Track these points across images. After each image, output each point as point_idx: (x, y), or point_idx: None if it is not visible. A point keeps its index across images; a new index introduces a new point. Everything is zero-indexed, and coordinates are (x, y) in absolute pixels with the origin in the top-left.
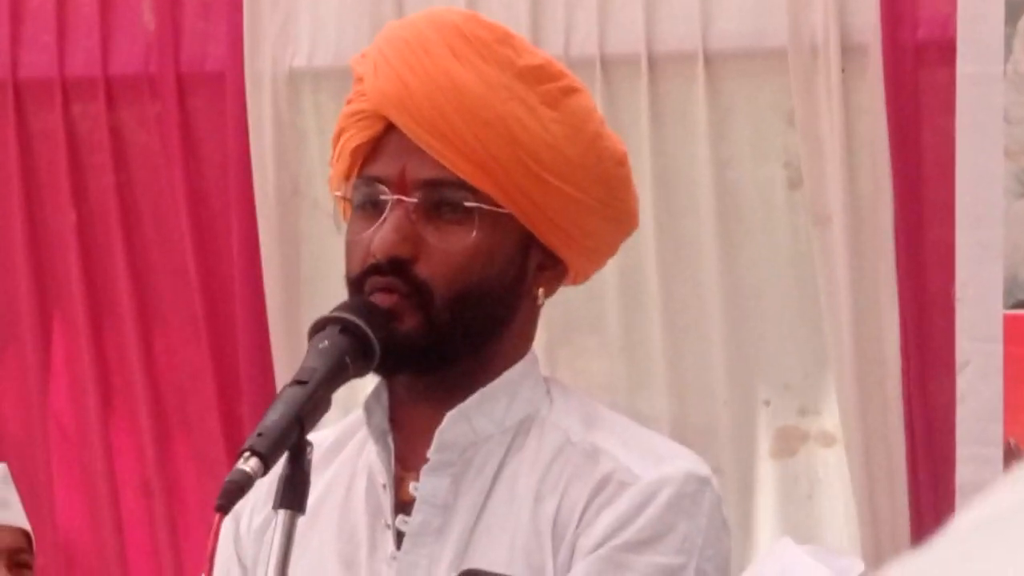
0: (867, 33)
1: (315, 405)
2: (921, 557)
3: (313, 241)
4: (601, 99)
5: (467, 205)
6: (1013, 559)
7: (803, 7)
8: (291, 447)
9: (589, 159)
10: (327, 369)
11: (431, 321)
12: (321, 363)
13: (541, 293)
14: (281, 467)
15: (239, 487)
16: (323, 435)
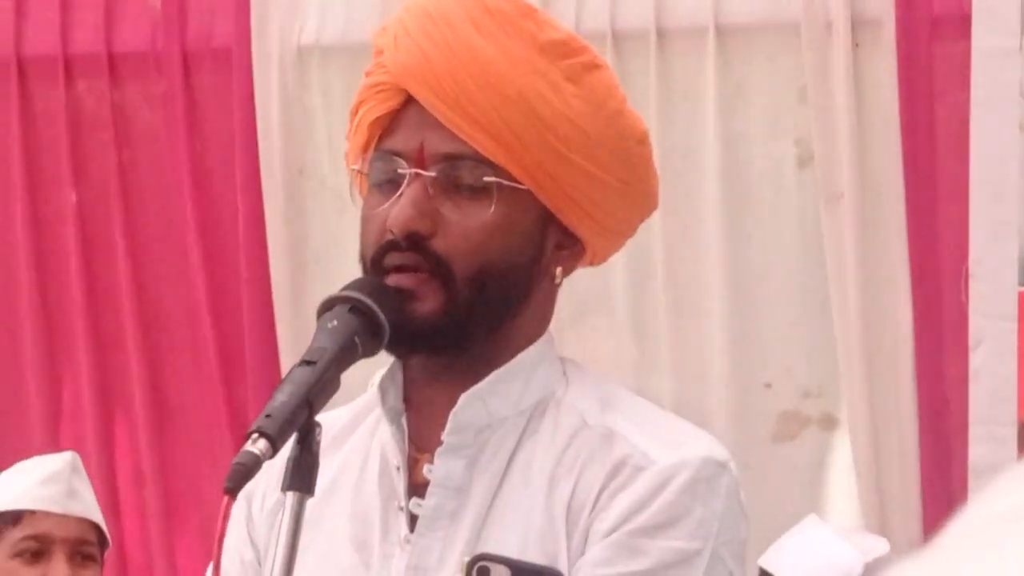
0: (881, 7)
1: (324, 386)
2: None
3: (320, 220)
4: None
5: (486, 180)
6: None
7: None
8: (300, 428)
9: (610, 136)
10: (336, 349)
11: (452, 299)
12: (330, 343)
13: (559, 272)
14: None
15: (247, 469)
16: (335, 415)
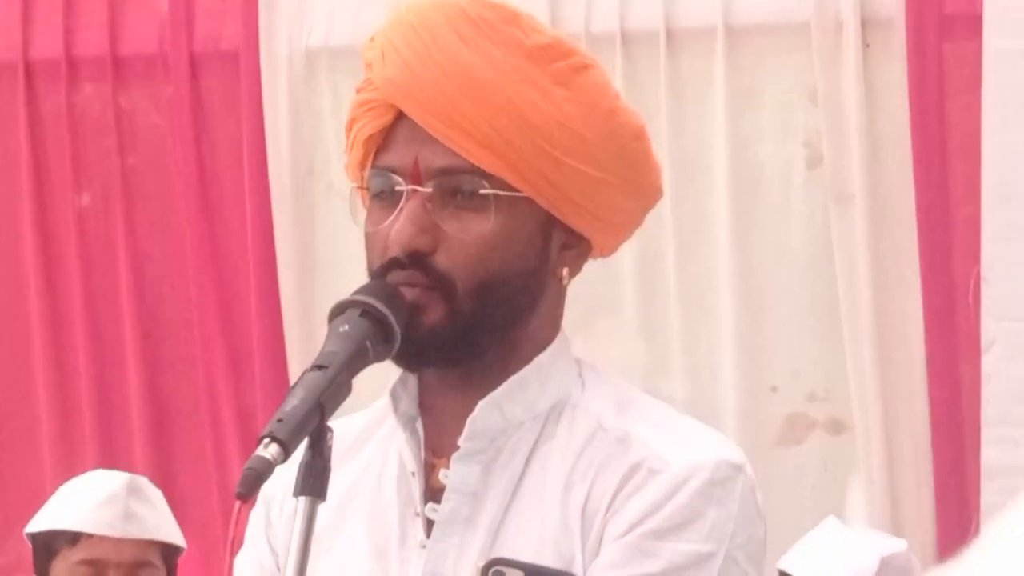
0: (892, 7)
1: (336, 390)
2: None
3: (328, 224)
4: (621, 75)
5: (483, 193)
6: None
7: None
8: (311, 433)
9: (605, 136)
10: (348, 353)
11: (455, 312)
12: (341, 347)
13: (566, 274)
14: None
15: (259, 474)
16: (351, 421)
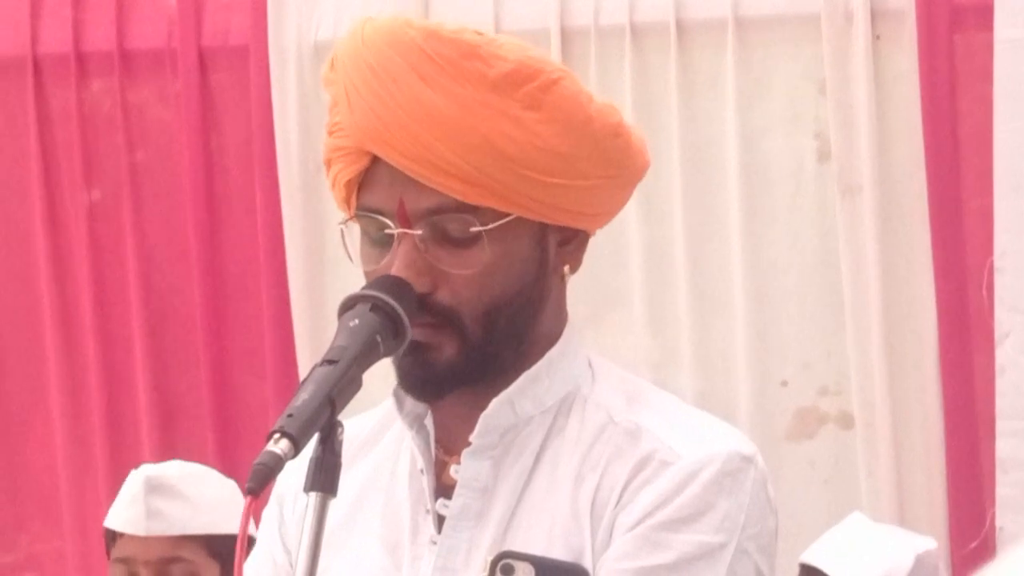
0: None
1: (346, 385)
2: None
3: (338, 218)
4: (631, 68)
5: (472, 231)
6: None
7: None
8: (322, 428)
9: (585, 146)
10: (358, 348)
11: (467, 343)
12: (352, 342)
13: (567, 270)
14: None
15: (269, 470)
16: (363, 419)
